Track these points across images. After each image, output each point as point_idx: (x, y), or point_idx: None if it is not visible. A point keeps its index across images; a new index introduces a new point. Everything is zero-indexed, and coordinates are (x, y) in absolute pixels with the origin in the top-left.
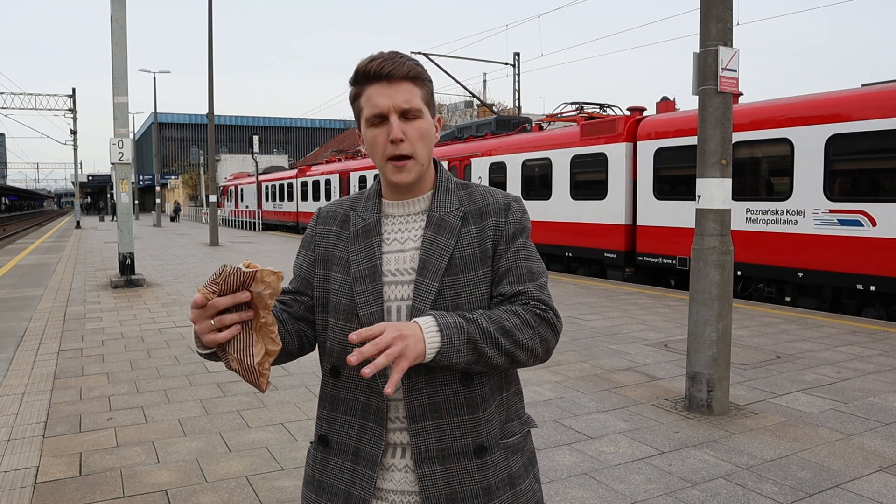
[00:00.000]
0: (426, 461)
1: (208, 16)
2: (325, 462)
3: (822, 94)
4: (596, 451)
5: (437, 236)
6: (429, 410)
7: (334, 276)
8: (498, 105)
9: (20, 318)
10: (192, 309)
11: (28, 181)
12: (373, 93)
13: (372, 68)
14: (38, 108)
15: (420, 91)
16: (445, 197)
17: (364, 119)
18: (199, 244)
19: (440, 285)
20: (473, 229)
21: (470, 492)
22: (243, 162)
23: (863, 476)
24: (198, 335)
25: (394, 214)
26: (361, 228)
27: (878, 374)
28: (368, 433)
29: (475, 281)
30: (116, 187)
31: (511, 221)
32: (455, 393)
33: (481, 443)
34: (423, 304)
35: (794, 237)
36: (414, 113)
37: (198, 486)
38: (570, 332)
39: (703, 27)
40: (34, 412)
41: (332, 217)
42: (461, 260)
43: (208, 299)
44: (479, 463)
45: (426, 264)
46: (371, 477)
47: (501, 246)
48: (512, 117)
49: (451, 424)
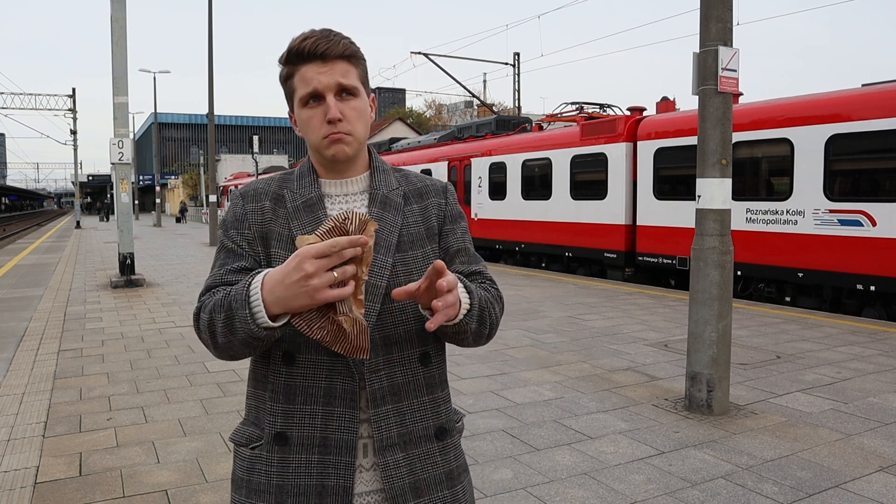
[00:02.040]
0: (388, 449)
1: (208, 16)
2: (283, 462)
3: (822, 94)
4: (596, 451)
5: (385, 213)
6: (388, 393)
7: (277, 254)
8: (498, 105)
9: (20, 318)
10: (310, 259)
11: (28, 181)
12: (307, 72)
13: (306, 47)
14: (38, 108)
15: (356, 70)
16: (384, 177)
17: (298, 99)
18: (199, 244)
19: (393, 261)
20: (416, 208)
21: (433, 478)
22: (243, 162)
23: (863, 476)
24: (293, 296)
25: (332, 194)
26: (303, 203)
27: (878, 374)
28: (336, 419)
29: (424, 257)
30: (116, 187)
31: (452, 203)
32: (414, 373)
33: (441, 424)
34: (380, 280)
35: (794, 237)
36: (350, 91)
37: (198, 486)
38: (570, 332)
39: (703, 27)
40: (34, 412)
41: (262, 194)
42: (409, 237)
43: (339, 243)
44: (440, 446)
45: (378, 241)
46: (349, 464)
47: (448, 225)
48: (512, 117)
49: (411, 407)
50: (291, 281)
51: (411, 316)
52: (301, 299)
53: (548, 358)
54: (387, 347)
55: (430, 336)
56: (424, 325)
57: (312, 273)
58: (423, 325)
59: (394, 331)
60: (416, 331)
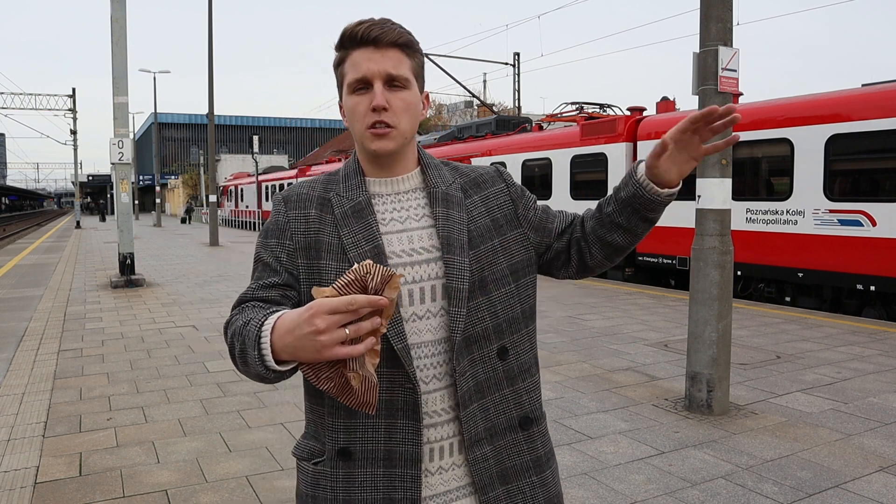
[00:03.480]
0: (476, 444)
1: (208, 16)
2: (349, 478)
3: (822, 94)
4: (596, 451)
5: (450, 211)
6: (474, 392)
7: (327, 266)
8: (498, 105)
9: (20, 318)
10: (323, 315)
11: (28, 181)
12: (358, 57)
13: (359, 31)
14: (38, 108)
15: (409, 61)
16: (437, 172)
17: (346, 85)
18: (199, 244)
19: (469, 260)
20: (477, 199)
21: (521, 465)
22: (243, 162)
23: (863, 476)
24: (301, 348)
25: (382, 193)
26: (351, 209)
27: (878, 374)
28: (400, 432)
29: (493, 251)
30: (116, 187)
31: (511, 183)
32: (494, 368)
33: (525, 414)
34: (462, 283)
35: (794, 237)
36: (401, 82)
37: (198, 486)
38: (570, 332)
39: (703, 27)
40: (34, 412)
41: (306, 200)
42: (476, 232)
43: (357, 301)
44: (525, 435)
45: (451, 241)
46: (416, 477)
47: (521, 207)
48: (512, 117)
49: (493, 401)
50: (302, 333)
51: (487, 313)
52: (308, 353)
53: (548, 358)
54: (468, 348)
55: (505, 330)
56: (680, 172)
57: (323, 329)
58: (499, 321)
59: (473, 330)
60: (493, 327)
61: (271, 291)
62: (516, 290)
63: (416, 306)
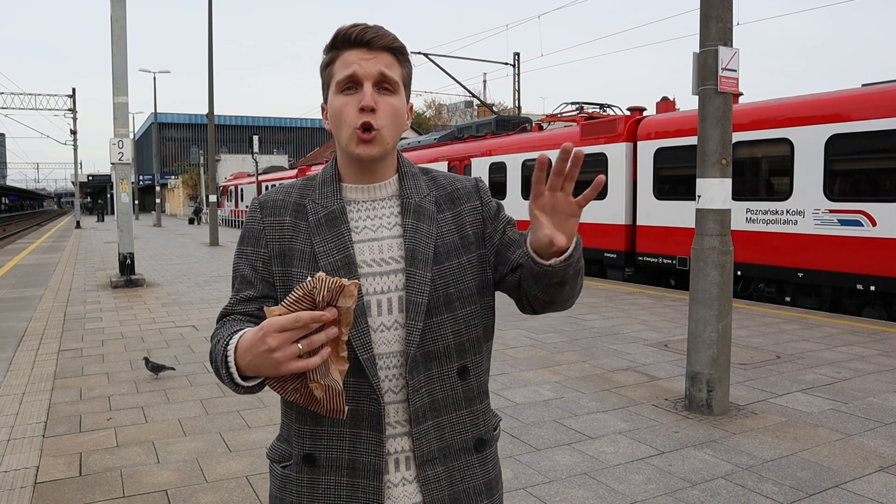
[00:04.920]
0: (428, 463)
1: (208, 16)
2: (313, 484)
3: (822, 95)
4: (596, 451)
5: (419, 224)
6: (429, 409)
7: (297, 273)
8: (498, 105)
9: (20, 318)
10: (273, 334)
11: (28, 181)
12: (350, 57)
13: (353, 33)
14: (38, 108)
15: (400, 68)
16: (413, 182)
17: (335, 84)
18: (199, 244)
19: (431, 275)
20: (449, 216)
21: (473, 488)
22: (243, 162)
23: (863, 476)
24: (260, 365)
25: (358, 200)
26: (324, 217)
27: (878, 374)
28: (363, 442)
29: (460, 268)
30: (116, 187)
31: (487, 201)
32: (453, 387)
33: (480, 436)
34: (421, 297)
35: (794, 237)
36: (391, 85)
37: (198, 486)
38: (570, 332)
39: (703, 27)
40: (34, 412)
41: (281, 206)
42: (444, 248)
43: (301, 319)
44: (479, 458)
45: (415, 254)
46: (378, 489)
47: (489, 228)
48: (512, 117)
49: (450, 421)
50: (258, 352)
51: (450, 331)
52: (268, 369)
53: (548, 358)
54: (427, 364)
55: (468, 350)
56: (554, 241)
57: (275, 347)
58: (462, 339)
59: (433, 346)
60: (455, 345)
61: (249, 305)
62: (480, 309)
63: (384, 316)
